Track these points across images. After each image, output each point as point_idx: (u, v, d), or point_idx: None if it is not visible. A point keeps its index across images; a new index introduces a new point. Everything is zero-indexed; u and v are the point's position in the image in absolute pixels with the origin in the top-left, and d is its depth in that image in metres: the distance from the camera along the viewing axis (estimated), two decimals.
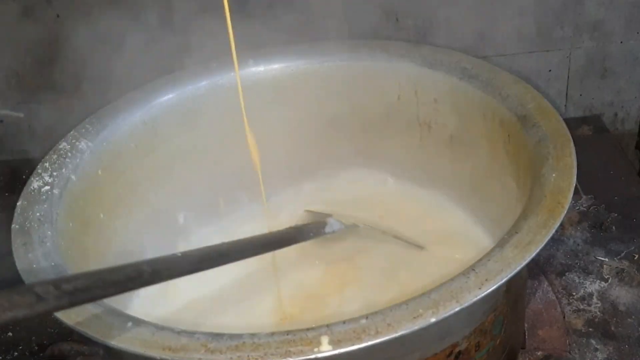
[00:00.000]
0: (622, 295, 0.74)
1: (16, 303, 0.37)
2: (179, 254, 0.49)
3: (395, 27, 0.98)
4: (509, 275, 0.47)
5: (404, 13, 0.97)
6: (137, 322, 0.47)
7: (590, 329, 0.70)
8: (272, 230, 0.67)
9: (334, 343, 0.43)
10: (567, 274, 0.77)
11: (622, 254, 0.78)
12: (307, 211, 0.79)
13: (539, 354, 0.65)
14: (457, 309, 0.44)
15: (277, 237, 0.64)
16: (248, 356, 0.43)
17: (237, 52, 0.81)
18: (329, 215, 0.72)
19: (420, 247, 0.73)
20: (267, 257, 0.67)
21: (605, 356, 0.67)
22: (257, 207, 0.82)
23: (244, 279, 0.72)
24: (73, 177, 0.63)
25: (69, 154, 0.65)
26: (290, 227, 0.67)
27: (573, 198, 0.53)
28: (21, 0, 0.95)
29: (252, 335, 0.44)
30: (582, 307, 0.73)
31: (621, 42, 1.00)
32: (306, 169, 0.83)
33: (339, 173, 0.84)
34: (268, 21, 0.90)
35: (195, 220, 0.79)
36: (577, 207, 0.86)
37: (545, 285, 0.75)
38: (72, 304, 0.40)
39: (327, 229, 0.70)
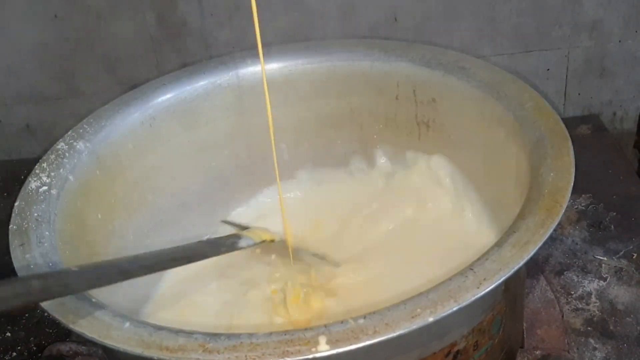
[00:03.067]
0: (620, 294, 0.74)
1: None
2: (75, 269, 0.46)
3: (394, 27, 0.98)
4: (507, 275, 0.47)
5: (402, 12, 0.97)
6: (135, 322, 0.47)
7: (589, 328, 0.70)
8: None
9: (332, 343, 0.43)
10: (565, 273, 0.77)
11: (621, 253, 0.78)
12: (224, 222, 0.78)
13: (537, 353, 0.65)
14: (455, 309, 0.44)
15: (187, 251, 0.61)
16: (246, 356, 0.43)
17: (236, 52, 0.81)
18: (246, 228, 0.71)
19: (336, 265, 0.72)
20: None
21: (604, 355, 0.67)
22: (257, 207, 0.83)
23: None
24: (71, 177, 0.63)
25: (67, 155, 0.65)
26: (202, 241, 0.65)
27: (571, 197, 0.53)
28: (22, 0, 0.95)
29: (250, 335, 0.44)
30: (580, 306, 0.73)
31: (619, 42, 1.00)
32: (303, 168, 0.83)
33: (335, 172, 0.84)
34: (266, 20, 0.91)
35: (194, 220, 0.79)
36: (576, 206, 0.86)
37: (543, 285, 0.75)
38: None
39: (242, 244, 0.67)
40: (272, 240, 0.71)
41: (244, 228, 0.73)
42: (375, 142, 0.82)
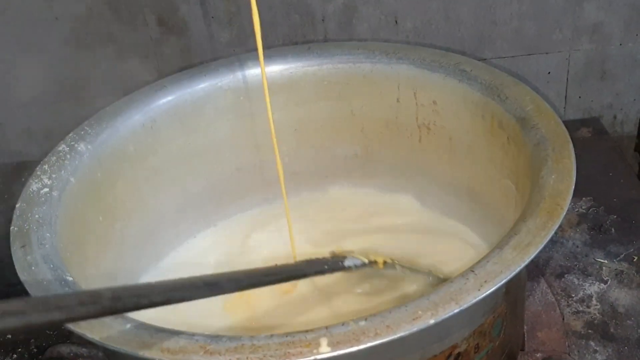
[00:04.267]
0: (621, 297, 0.74)
1: None
2: (154, 282, 0.43)
3: (395, 30, 0.98)
4: (508, 277, 0.47)
5: (403, 15, 0.97)
6: (136, 324, 0.47)
7: (590, 331, 0.70)
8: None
9: (333, 345, 0.43)
10: (566, 275, 0.77)
11: (622, 256, 0.78)
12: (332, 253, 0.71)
13: (538, 355, 0.65)
14: (456, 311, 0.44)
15: (286, 270, 0.58)
16: (247, 358, 0.43)
17: (237, 54, 0.81)
18: (350, 252, 0.66)
19: (444, 278, 0.67)
20: None
21: (605, 358, 0.67)
22: (257, 210, 0.83)
23: None
24: (72, 179, 0.63)
25: (68, 156, 0.65)
26: (304, 260, 0.61)
27: (572, 200, 0.53)
28: (22, 2, 0.95)
29: (251, 337, 0.44)
30: (581, 309, 0.73)
31: (620, 45, 1.00)
32: (304, 170, 0.83)
33: (336, 175, 0.84)
34: (266, 23, 0.91)
35: (195, 223, 0.79)
36: (576, 209, 0.86)
37: (544, 287, 0.75)
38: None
39: (347, 263, 0.63)
40: (384, 262, 0.66)
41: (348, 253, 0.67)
42: (375, 145, 0.82)
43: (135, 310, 0.42)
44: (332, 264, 0.63)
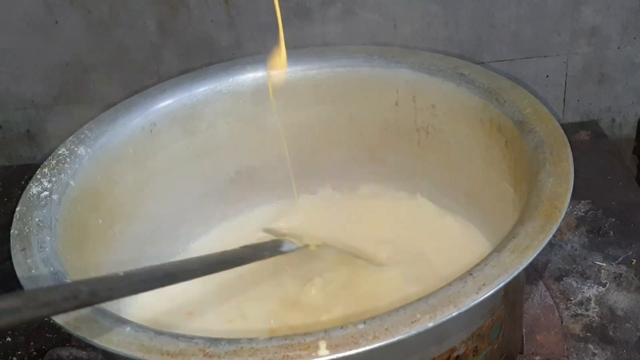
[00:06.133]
0: (620, 300, 0.74)
1: None
2: (121, 274, 0.47)
3: (393, 33, 0.98)
4: (507, 280, 0.47)
5: (401, 19, 0.97)
6: (136, 326, 0.47)
7: (588, 334, 0.70)
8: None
9: (332, 348, 0.43)
10: (564, 278, 0.77)
11: (620, 259, 0.79)
12: (265, 230, 0.77)
13: (537, 359, 0.66)
14: (454, 314, 0.45)
15: (230, 256, 0.61)
16: None
17: (237, 58, 0.81)
18: (285, 235, 0.71)
19: (379, 264, 0.72)
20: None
21: None
22: (258, 213, 0.83)
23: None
24: (72, 182, 0.63)
25: (68, 160, 0.65)
26: (245, 246, 0.64)
27: (570, 203, 0.53)
28: (23, 6, 0.96)
29: (250, 340, 0.44)
30: (580, 312, 0.73)
31: (618, 48, 1.01)
32: (303, 173, 0.84)
33: (335, 179, 0.85)
34: (266, 27, 0.91)
35: (195, 226, 0.79)
36: (575, 212, 0.86)
37: (543, 290, 0.75)
38: None
39: (284, 248, 0.67)
40: (317, 245, 0.71)
41: (283, 235, 0.72)
42: (374, 149, 0.82)
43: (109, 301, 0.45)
44: (271, 249, 0.66)
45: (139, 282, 0.48)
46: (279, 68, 0.72)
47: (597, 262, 0.78)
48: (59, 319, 0.47)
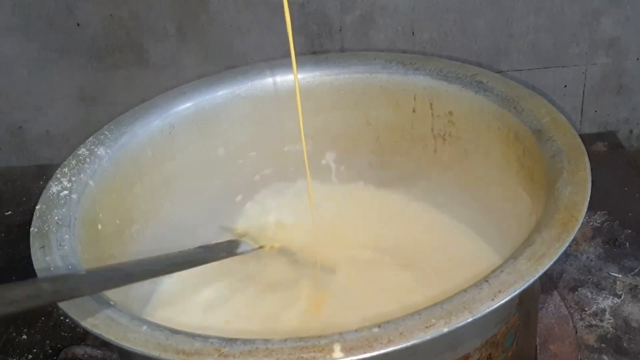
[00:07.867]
0: (635, 311, 0.73)
1: None
2: (83, 272, 0.49)
3: (411, 41, 0.98)
4: (522, 287, 0.47)
5: (419, 27, 0.98)
6: (152, 325, 0.47)
7: (603, 345, 0.70)
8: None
9: (346, 351, 0.43)
10: (579, 289, 0.77)
11: (636, 271, 0.78)
12: (222, 227, 0.78)
13: None
14: (469, 320, 0.45)
15: (188, 257, 0.62)
16: None
17: (255, 62, 0.82)
18: (242, 235, 0.73)
19: (331, 270, 0.73)
20: None
21: None
22: (274, 216, 0.83)
23: None
24: (91, 182, 0.64)
25: (88, 160, 0.66)
26: (201, 246, 0.66)
27: (587, 214, 0.53)
28: (43, 8, 0.97)
29: (266, 340, 0.44)
30: (594, 322, 0.73)
31: (637, 59, 1.00)
32: (319, 178, 0.84)
33: (350, 184, 0.85)
34: (283, 32, 0.91)
35: (211, 227, 0.80)
36: (591, 223, 0.86)
37: (557, 300, 0.74)
38: None
39: (240, 249, 0.68)
40: (272, 247, 0.72)
41: (244, 234, 0.74)
42: (391, 155, 0.82)
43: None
44: (228, 250, 0.67)
45: (100, 281, 0.50)
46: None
47: (613, 274, 0.78)
48: (77, 317, 0.47)
